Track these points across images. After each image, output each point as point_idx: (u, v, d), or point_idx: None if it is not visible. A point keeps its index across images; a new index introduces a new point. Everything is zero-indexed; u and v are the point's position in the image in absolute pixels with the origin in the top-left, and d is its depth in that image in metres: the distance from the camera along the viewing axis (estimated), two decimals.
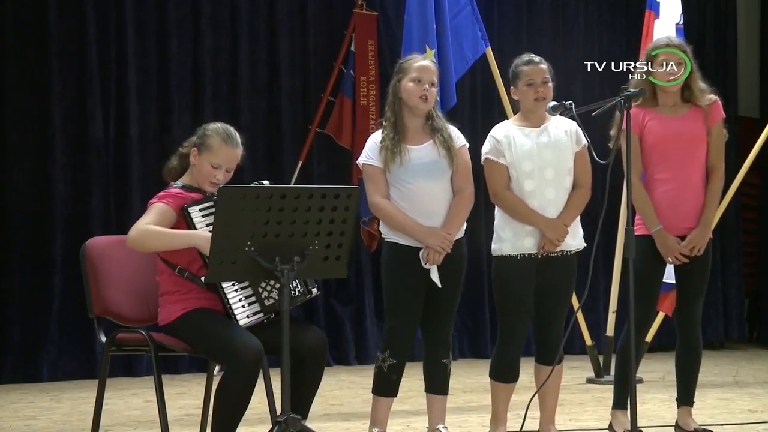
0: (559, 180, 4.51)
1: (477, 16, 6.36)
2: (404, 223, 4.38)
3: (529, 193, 4.49)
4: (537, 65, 4.57)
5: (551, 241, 4.46)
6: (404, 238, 4.41)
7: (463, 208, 4.47)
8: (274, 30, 7.87)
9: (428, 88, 4.44)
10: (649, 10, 6.93)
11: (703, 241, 4.75)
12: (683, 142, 4.73)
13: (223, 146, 4.14)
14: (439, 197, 4.45)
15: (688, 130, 4.74)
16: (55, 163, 7.16)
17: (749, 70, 9.62)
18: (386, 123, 4.48)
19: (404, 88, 4.46)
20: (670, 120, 4.73)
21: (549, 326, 4.57)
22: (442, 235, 4.38)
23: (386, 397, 4.52)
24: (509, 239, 4.51)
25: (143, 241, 3.99)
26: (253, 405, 4.11)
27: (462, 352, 8.36)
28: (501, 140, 4.52)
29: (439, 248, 4.37)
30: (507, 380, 4.59)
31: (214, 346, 3.96)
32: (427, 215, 4.41)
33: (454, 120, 4.72)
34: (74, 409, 5.95)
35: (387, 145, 4.41)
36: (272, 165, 7.83)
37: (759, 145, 6.78)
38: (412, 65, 4.49)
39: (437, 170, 4.43)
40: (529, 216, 4.47)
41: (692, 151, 4.76)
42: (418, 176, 4.41)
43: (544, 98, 4.53)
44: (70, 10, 7.23)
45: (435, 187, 4.43)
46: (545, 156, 4.50)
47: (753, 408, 5.87)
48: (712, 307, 9.05)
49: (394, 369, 4.46)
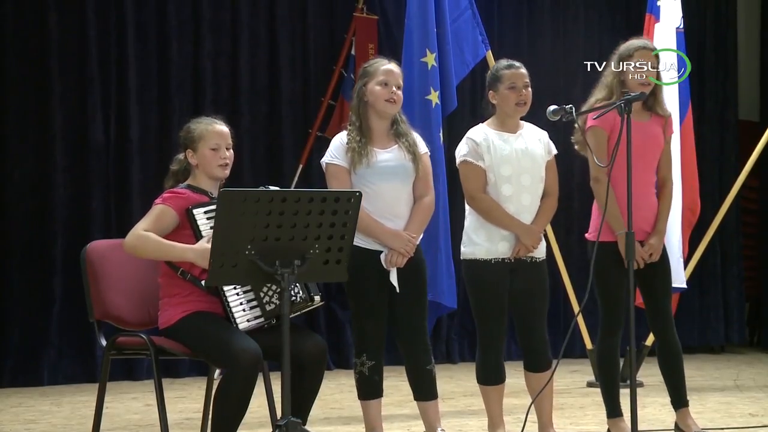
0: (534, 187, 4.55)
1: (477, 20, 6.37)
2: (368, 225, 4.37)
3: (507, 197, 4.50)
4: (518, 69, 4.60)
5: (526, 246, 4.48)
6: (364, 241, 4.40)
7: (424, 213, 4.50)
8: (275, 33, 7.88)
9: (395, 90, 4.45)
10: (650, 14, 6.93)
11: (659, 249, 4.75)
12: (647, 148, 4.72)
13: (209, 128, 4.22)
14: (403, 200, 4.46)
15: (652, 138, 4.76)
16: (56, 166, 7.16)
17: (749, 74, 9.62)
18: (351, 127, 4.49)
19: (371, 92, 4.46)
20: (638, 125, 4.70)
21: (531, 333, 4.58)
22: (406, 238, 4.39)
23: (373, 399, 4.52)
24: (483, 243, 4.53)
25: (137, 248, 4.03)
26: (253, 409, 4.11)
27: (462, 355, 8.35)
28: (480, 143, 4.54)
29: (404, 251, 4.37)
30: (494, 382, 4.61)
31: (212, 350, 3.96)
32: (391, 217, 4.42)
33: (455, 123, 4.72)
34: (74, 413, 5.95)
35: (353, 147, 4.41)
36: (272, 168, 7.83)
37: (759, 148, 6.78)
38: (378, 68, 4.50)
39: (403, 173, 4.45)
40: (505, 220, 4.48)
41: (652, 158, 4.78)
42: (385, 178, 4.41)
43: (525, 103, 4.56)
44: (71, 12, 7.24)
45: (400, 189, 4.45)
46: (523, 162, 4.53)
47: (754, 412, 5.87)
48: (712, 311, 9.05)
49: (374, 370, 4.47)
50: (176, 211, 4.07)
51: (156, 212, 4.07)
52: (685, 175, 6.71)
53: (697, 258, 7.11)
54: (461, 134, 4.68)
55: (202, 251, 3.92)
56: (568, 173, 7.94)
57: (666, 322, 4.80)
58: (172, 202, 4.09)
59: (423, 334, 4.52)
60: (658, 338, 4.86)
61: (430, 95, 5.92)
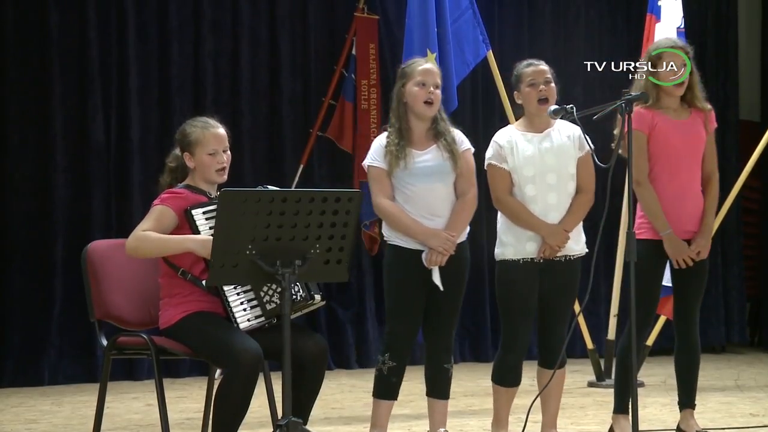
0: (561, 185, 4.51)
1: (478, 20, 6.36)
2: (408, 225, 4.38)
3: (531, 198, 4.49)
4: (538, 66, 4.59)
5: (551, 246, 4.46)
6: (406, 241, 4.41)
7: (466, 210, 4.48)
8: (275, 33, 7.87)
9: (433, 90, 4.45)
10: (651, 14, 6.93)
11: (708, 247, 4.78)
12: (689, 145, 4.74)
13: (206, 132, 4.18)
14: (443, 199, 4.45)
15: (693, 135, 4.76)
16: (56, 167, 7.16)
17: (750, 74, 9.62)
18: (391, 129, 4.49)
19: (409, 93, 4.46)
20: (678, 123, 4.74)
21: (552, 330, 4.57)
22: (445, 236, 4.38)
23: (386, 400, 4.52)
24: (511, 244, 4.51)
25: (138, 249, 4.03)
26: (254, 409, 4.11)
27: (463, 355, 8.35)
28: (504, 145, 4.53)
29: (442, 250, 4.37)
30: (509, 384, 4.58)
31: (213, 350, 3.96)
32: (430, 217, 4.42)
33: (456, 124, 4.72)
34: (75, 413, 5.95)
35: (392, 150, 4.41)
36: (273, 169, 7.83)
37: (760, 148, 6.78)
38: (415, 69, 4.50)
39: (441, 173, 4.44)
40: (529, 221, 4.47)
41: (694, 156, 4.78)
42: (423, 179, 4.41)
43: (547, 99, 4.52)
44: (72, 13, 7.24)
45: (439, 188, 4.44)
46: (547, 161, 4.50)
47: (754, 412, 5.86)
48: (713, 311, 9.04)
49: (394, 372, 4.46)
50: (175, 212, 4.07)
51: (156, 213, 4.07)
52: None
53: None
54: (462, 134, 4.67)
55: (202, 240, 3.92)
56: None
57: (691, 323, 4.82)
58: (171, 203, 4.08)
59: (450, 333, 4.53)
60: (680, 337, 4.85)
61: None
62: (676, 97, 4.78)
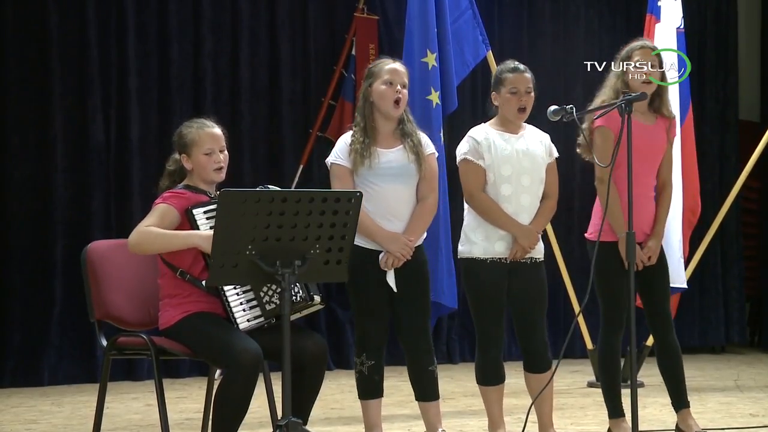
0: (533, 188, 4.55)
1: (478, 20, 6.36)
2: (368, 227, 4.38)
3: (506, 197, 4.50)
4: (522, 74, 4.59)
5: (523, 247, 4.47)
6: (364, 241, 4.41)
7: (425, 215, 4.49)
8: (275, 34, 7.88)
9: (400, 89, 4.45)
10: (650, 14, 6.93)
11: (657, 251, 4.76)
12: (651, 151, 4.73)
13: (201, 132, 4.19)
14: (405, 200, 4.46)
15: (656, 141, 4.77)
16: (56, 167, 7.16)
17: (750, 74, 9.62)
18: (356, 127, 4.48)
19: (376, 92, 4.46)
20: (643, 128, 4.72)
21: (531, 334, 4.58)
22: (403, 241, 4.39)
23: (373, 399, 4.53)
24: (480, 242, 4.53)
25: (142, 243, 4.01)
26: (254, 409, 4.11)
27: (462, 356, 8.35)
28: (481, 142, 4.54)
29: (400, 255, 4.38)
30: (494, 383, 4.61)
31: (213, 350, 3.97)
32: (390, 218, 4.43)
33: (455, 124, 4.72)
34: (75, 413, 5.95)
35: (356, 148, 4.41)
36: (273, 169, 7.83)
37: (760, 149, 6.78)
38: (383, 68, 4.50)
39: (406, 175, 4.44)
40: (503, 220, 4.48)
41: (655, 161, 4.79)
42: (387, 179, 4.41)
43: (525, 109, 4.55)
44: (71, 13, 7.24)
45: (402, 190, 4.44)
46: (523, 163, 4.53)
47: (754, 412, 5.86)
48: (712, 311, 9.05)
49: (375, 369, 4.48)
50: (177, 210, 4.07)
51: (158, 211, 4.07)
52: (686, 176, 6.71)
53: (697, 258, 7.11)
54: (462, 134, 4.69)
55: (208, 236, 3.90)
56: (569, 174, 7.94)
57: (665, 324, 4.81)
58: (173, 201, 4.09)
59: (425, 334, 4.52)
60: (657, 340, 4.86)
61: (430, 95, 5.91)
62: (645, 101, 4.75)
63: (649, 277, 4.76)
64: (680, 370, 4.83)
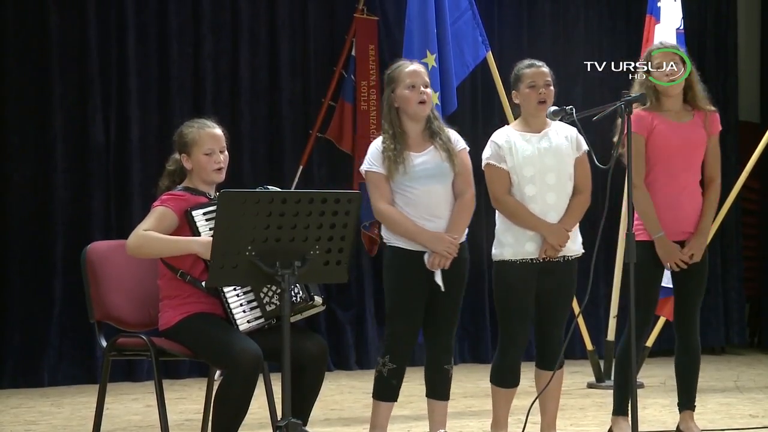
0: (560, 185, 4.51)
1: (477, 21, 6.36)
2: (410, 230, 4.37)
3: (531, 198, 4.48)
4: (539, 68, 4.58)
5: (553, 246, 4.46)
6: (406, 242, 4.41)
7: (465, 211, 4.47)
8: (275, 34, 7.88)
9: (424, 90, 4.44)
10: (650, 15, 6.93)
11: (701, 249, 4.78)
12: (688, 148, 4.75)
13: (202, 132, 4.19)
14: (443, 200, 4.45)
15: (693, 137, 4.77)
16: (56, 167, 7.16)
17: (750, 75, 9.62)
18: (385, 135, 4.47)
19: (400, 97, 4.45)
20: (677, 126, 4.75)
21: (550, 331, 4.57)
22: (448, 240, 4.38)
23: (386, 401, 4.51)
24: (510, 244, 4.51)
25: (141, 248, 4.01)
26: (253, 410, 4.11)
27: (462, 356, 8.36)
28: (502, 145, 4.53)
29: (447, 253, 4.37)
30: (508, 385, 4.58)
31: (213, 351, 3.97)
32: (431, 219, 4.42)
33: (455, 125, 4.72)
34: (75, 414, 5.95)
35: (389, 156, 4.40)
36: (273, 170, 7.83)
37: (760, 149, 6.78)
38: (403, 71, 4.49)
39: (440, 175, 4.43)
40: (530, 221, 4.47)
41: (693, 158, 4.79)
42: (422, 182, 4.41)
43: (545, 101, 4.53)
44: (71, 14, 7.24)
45: (438, 190, 4.43)
46: (546, 161, 4.50)
47: (754, 413, 5.86)
48: (712, 312, 9.04)
49: (394, 374, 4.46)
50: (176, 213, 4.07)
51: (156, 214, 4.07)
52: None
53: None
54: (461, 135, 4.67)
55: (207, 243, 3.91)
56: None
57: (691, 324, 4.84)
58: (171, 204, 4.08)
59: (450, 334, 4.52)
60: (681, 339, 4.87)
61: None
62: (676, 98, 4.79)
63: (687, 276, 4.78)
64: (696, 372, 4.87)
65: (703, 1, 9.15)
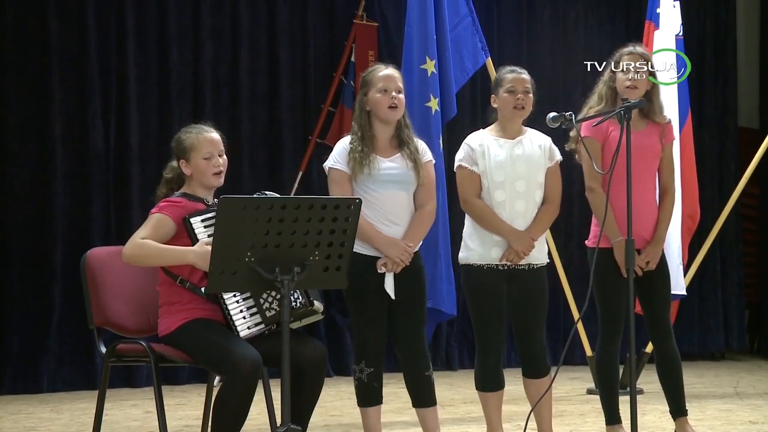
0: (529, 193, 4.54)
1: (477, 27, 6.37)
2: (367, 232, 4.36)
3: (499, 203, 4.51)
4: (519, 75, 4.61)
5: (517, 252, 4.47)
6: (365, 247, 4.40)
7: (424, 221, 4.49)
8: (275, 40, 7.88)
9: (396, 95, 4.45)
10: (649, 21, 6.94)
11: (657, 257, 4.76)
12: (642, 156, 4.72)
13: (200, 137, 4.20)
14: (403, 207, 4.45)
15: (647, 145, 4.77)
16: (56, 173, 7.16)
17: (749, 81, 9.63)
18: (353, 136, 4.47)
19: (372, 100, 4.46)
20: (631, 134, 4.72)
21: (530, 339, 4.58)
22: (402, 246, 4.38)
23: (373, 406, 4.51)
24: (476, 249, 4.54)
25: (137, 257, 4.02)
26: (253, 416, 4.11)
27: (462, 362, 8.35)
28: (475, 148, 4.55)
29: (398, 260, 4.37)
30: (492, 389, 4.60)
31: (212, 357, 3.96)
32: (389, 224, 4.42)
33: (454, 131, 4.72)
34: (74, 420, 5.94)
35: (355, 156, 4.40)
36: (272, 175, 7.84)
37: (759, 155, 6.78)
38: (376, 75, 4.49)
39: (405, 182, 4.44)
40: (496, 225, 4.49)
41: (649, 167, 4.79)
42: (386, 186, 4.41)
43: (523, 107, 4.56)
44: (71, 20, 7.25)
45: (401, 196, 4.44)
46: (518, 168, 4.52)
47: (754, 419, 5.86)
48: (712, 318, 9.04)
49: (374, 377, 4.46)
50: (174, 220, 4.07)
51: (153, 221, 4.07)
52: (685, 182, 6.71)
53: (696, 265, 7.11)
54: (461, 141, 4.69)
55: (202, 253, 3.92)
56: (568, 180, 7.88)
57: (664, 331, 4.81)
58: (169, 211, 4.08)
59: (421, 340, 4.50)
60: (657, 347, 4.86)
61: (429, 102, 5.92)
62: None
63: (650, 284, 4.76)
64: (679, 378, 4.83)
65: (702, 7, 9.16)
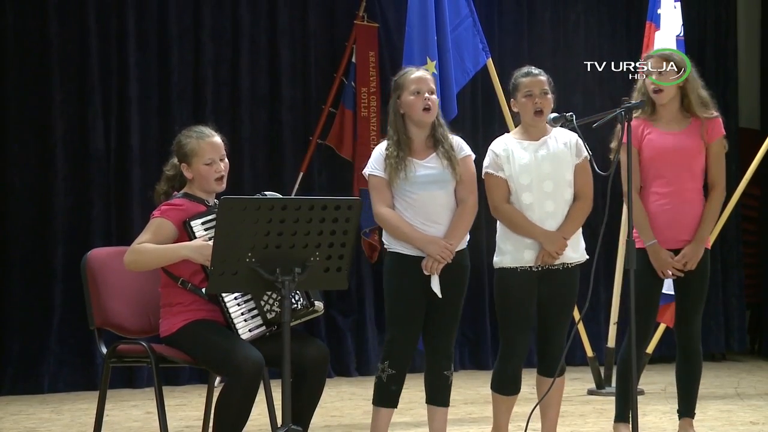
0: (558, 193, 4.51)
1: (478, 28, 6.37)
2: (406, 232, 4.38)
3: (528, 206, 4.49)
4: (536, 77, 4.58)
5: (549, 253, 4.46)
6: (407, 248, 4.41)
7: (465, 218, 4.47)
8: (275, 41, 7.88)
9: (429, 96, 4.45)
10: (650, 22, 6.94)
11: (697, 257, 4.77)
12: (680, 156, 4.73)
13: (201, 143, 4.18)
14: (443, 206, 4.45)
15: (686, 145, 4.76)
16: (57, 174, 7.16)
17: (750, 82, 9.62)
18: (389, 141, 4.48)
19: (405, 103, 4.46)
20: (668, 134, 4.75)
21: (551, 338, 4.57)
22: (443, 244, 4.38)
23: (386, 407, 4.50)
24: (509, 252, 4.51)
25: (136, 262, 4.03)
26: (253, 416, 4.11)
27: (463, 363, 8.35)
28: (500, 154, 4.54)
29: (439, 257, 4.37)
30: (508, 393, 4.58)
31: (214, 358, 3.96)
32: (430, 224, 4.42)
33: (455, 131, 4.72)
34: (75, 421, 5.94)
35: (391, 162, 4.41)
36: (273, 176, 7.83)
37: (760, 156, 6.78)
38: (408, 78, 4.50)
39: (442, 181, 4.44)
40: (527, 228, 4.47)
41: (689, 166, 4.77)
42: (423, 187, 4.42)
43: (542, 110, 4.53)
44: (72, 21, 7.24)
45: (440, 196, 4.44)
46: (543, 169, 4.50)
47: (755, 420, 5.86)
48: (713, 319, 9.04)
49: (394, 380, 4.45)
50: (174, 224, 4.07)
51: (154, 225, 4.07)
52: None
53: None
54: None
55: (197, 247, 3.93)
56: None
57: (692, 332, 4.83)
58: (169, 215, 4.08)
59: (450, 340, 4.51)
60: (682, 347, 4.86)
61: None
62: (669, 106, 4.80)
63: (686, 283, 4.79)
64: (697, 381, 4.87)
65: (703, 7, 9.16)
